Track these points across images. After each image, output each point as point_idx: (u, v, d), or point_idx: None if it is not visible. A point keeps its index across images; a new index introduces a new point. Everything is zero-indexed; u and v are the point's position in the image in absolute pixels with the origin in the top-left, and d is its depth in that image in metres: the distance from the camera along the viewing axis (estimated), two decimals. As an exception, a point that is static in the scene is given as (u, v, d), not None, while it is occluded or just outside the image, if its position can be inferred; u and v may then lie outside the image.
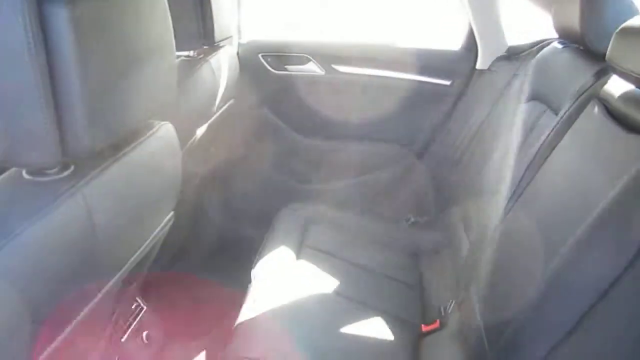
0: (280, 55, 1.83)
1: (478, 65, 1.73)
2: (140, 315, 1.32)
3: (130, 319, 1.27)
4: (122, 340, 1.23)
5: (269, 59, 1.82)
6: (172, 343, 1.37)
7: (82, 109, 0.51)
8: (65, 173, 0.57)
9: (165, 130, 0.77)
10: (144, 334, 1.29)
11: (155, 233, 0.79)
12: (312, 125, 1.91)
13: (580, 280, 0.81)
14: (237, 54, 1.80)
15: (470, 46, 1.73)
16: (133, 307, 1.31)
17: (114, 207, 0.62)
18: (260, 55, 1.82)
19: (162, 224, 0.82)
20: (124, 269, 0.72)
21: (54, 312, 0.59)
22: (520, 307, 0.93)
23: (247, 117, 1.87)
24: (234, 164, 1.94)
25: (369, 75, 1.82)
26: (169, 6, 1.20)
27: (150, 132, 0.73)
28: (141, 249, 0.75)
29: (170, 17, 0.71)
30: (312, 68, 1.82)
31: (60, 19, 0.49)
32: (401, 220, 1.80)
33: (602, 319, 0.76)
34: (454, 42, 1.81)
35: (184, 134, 1.27)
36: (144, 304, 1.35)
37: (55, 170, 0.57)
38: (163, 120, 0.80)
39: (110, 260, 0.67)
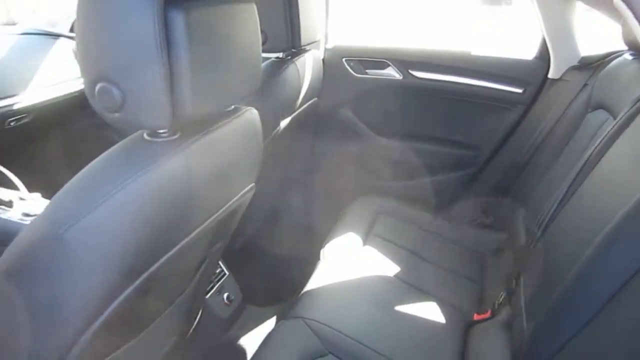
0: (362, 60, 1.98)
1: (550, 75, 1.78)
2: (223, 280, 1.53)
3: (214, 281, 1.48)
4: (207, 297, 1.44)
5: (351, 63, 1.97)
6: (248, 307, 1.56)
7: (189, 87, 0.70)
8: (174, 137, 0.76)
9: (250, 114, 0.95)
10: (225, 295, 1.49)
11: (238, 196, 0.97)
12: (388, 126, 2.03)
13: (608, 267, 0.89)
14: (324, 57, 1.98)
15: (544, 56, 1.78)
16: (217, 271, 1.52)
17: (208, 167, 0.80)
18: (344, 60, 1.97)
19: (245, 190, 0.99)
20: (212, 220, 0.90)
21: (149, 260, 0.78)
22: (556, 291, 1.01)
23: (328, 115, 2.03)
24: (314, 156, 2.11)
25: (444, 81, 1.92)
26: (264, 15, 1.40)
27: (239, 112, 0.91)
28: (226, 206, 0.92)
29: (258, 23, 0.88)
30: (391, 73, 1.95)
31: (179, 21, 0.67)
32: (467, 220, 1.88)
33: (625, 305, 0.84)
34: (528, 52, 1.87)
35: (269, 124, 1.45)
36: (226, 270, 1.55)
37: (167, 134, 0.76)
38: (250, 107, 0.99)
39: (201, 212, 0.85)
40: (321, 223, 1.80)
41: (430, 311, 1.39)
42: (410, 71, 1.94)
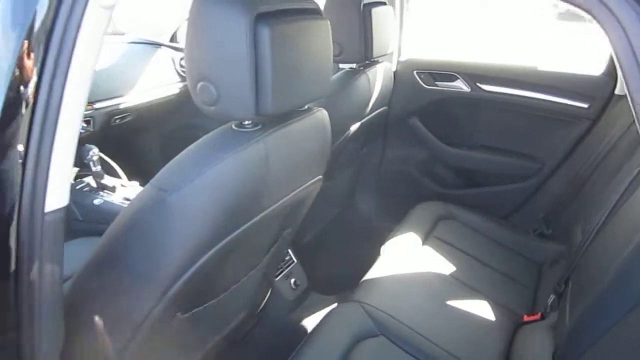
0: (432, 73, 2.09)
1: (617, 91, 1.80)
2: (291, 266, 1.69)
3: (283, 267, 1.64)
4: (276, 280, 1.60)
5: (422, 75, 2.09)
6: (312, 293, 1.71)
7: (270, 88, 0.85)
8: (256, 128, 0.93)
9: (321, 114, 1.10)
10: (292, 280, 1.64)
11: (306, 184, 1.12)
12: (455, 136, 2.13)
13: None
14: (396, 69, 2.11)
15: (611, 72, 1.82)
16: (287, 258, 1.68)
17: (281, 154, 0.96)
18: (415, 72, 2.09)
19: (313, 180, 1.14)
20: (283, 201, 1.05)
21: (231, 226, 0.94)
22: (593, 293, 1.08)
23: (398, 123, 2.15)
24: (383, 161, 2.23)
25: (511, 95, 1.98)
26: (341, 30, 1.56)
27: (311, 112, 1.07)
28: (295, 191, 1.08)
29: (330, 37, 1.03)
30: (459, 85, 2.05)
31: (265, 35, 0.83)
32: (528, 230, 1.94)
33: None
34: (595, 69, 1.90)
35: (340, 127, 1.60)
36: (295, 258, 1.71)
37: (250, 125, 0.92)
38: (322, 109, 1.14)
39: (274, 192, 1.01)
40: (385, 224, 1.91)
41: (481, 309, 1.47)
42: (478, 84, 2.03)
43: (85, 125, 1.93)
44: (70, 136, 0.80)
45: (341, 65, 1.74)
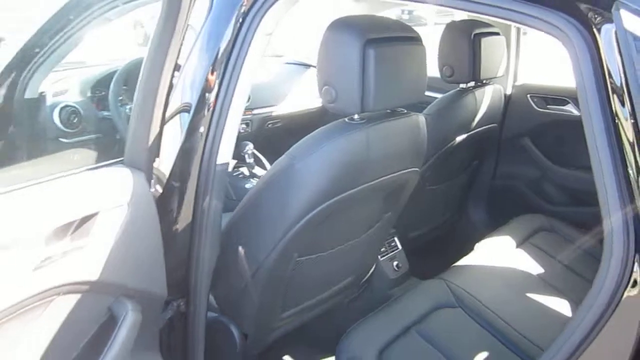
0: (545, 97, 2.26)
1: None
2: (395, 252, 1.99)
3: (388, 250, 1.95)
4: (381, 259, 1.92)
5: (535, 99, 2.27)
6: (412, 277, 1.99)
7: (373, 92, 1.17)
8: (362, 122, 1.27)
9: (417, 117, 1.39)
10: (395, 263, 1.94)
11: (400, 172, 1.42)
12: (564, 156, 2.26)
13: None
14: (511, 92, 2.32)
15: None
16: (392, 244, 1.99)
17: (379, 142, 1.28)
18: (528, 96, 2.28)
19: (408, 170, 1.44)
20: (379, 181, 1.36)
21: (337, 190, 1.27)
22: None
23: (511, 142, 2.34)
24: (494, 175, 2.43)
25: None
26: (453, 54, 1.84)
27: (408, 114, 1.38)
28: (390, 175, 1.39)
29: (425, 57, 1.33)
30: (570, 109, 2.19)
31: (371, 54, 1.16)
32: None
33: None
34: None
35: (446, 135, 1.88)
36: (400, 246, 2.01)
37: (357, 119, 1.27)
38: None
39: (371, 171, 1.31)
40: (487, 229, 2.12)
41: (561, 306, 1.62)
42: None
43: (245, 126, 2.44)
44: (234, 124, 1.25)
45: (453, 85, 2.01)
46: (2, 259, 0.95)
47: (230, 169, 2.37)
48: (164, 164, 1.23)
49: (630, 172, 0.82)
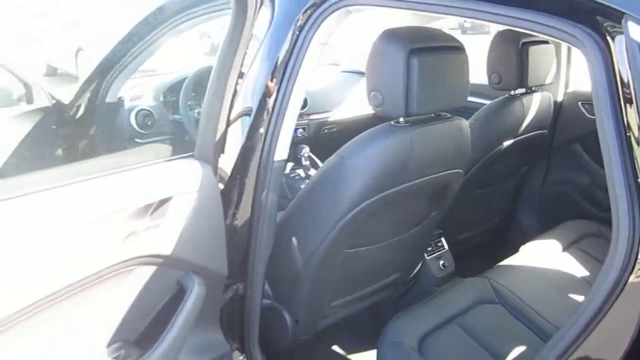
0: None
1: None
2: (442, 252, 2.07)
3: (434, 249, 2.04)
4: (427, 258, 2.01)
5: (586, 106, 2.29)
6: (457, 277, 2.06)
7: (416, 97, 1.27)
8: (406, 125, 1.37)
9: (459, 121, 1.47)
10: (441, 262, 2.03)
11: (444, 173, 1.51)
12: None
13: None
14: (562, 100, 2.35)
15: None
16: (439, 244, 2.08)
17: (423, 145, 1.38)
18: (579, 103, 2.31)
19: (450, 171, 1.52)
20: (423, 180, 1.47)
21: (382, 187, 1.38)
22: None
23: (561, 148, 2.37)
24: (544, 181, 2.46)
25: None
26: (501, 62, 1.92)
27: (452, 119, 1.47)
28: (434, 175, 1.48)
29: (468, 65, 1.42)
30: (622, 116, 2.20)
31: (415, 63, 1.27)
32: None
33: None
34: None
35: (493, 139, 1.95)
36: (446, 246, 2.09)
37: (402, 122, 1.38)
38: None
39: (415, 170, 1.41)
40: (536, 234, 2.16)
41: None
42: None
43: (302, 130, 2.59)
44: (290, 126, 1.40)
45: (501, 92, 2.07)
46: (97, 231, 1.14)
47: (287, 171, 2.53)
48: (228, 159, 1.39)
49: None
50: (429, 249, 2.01)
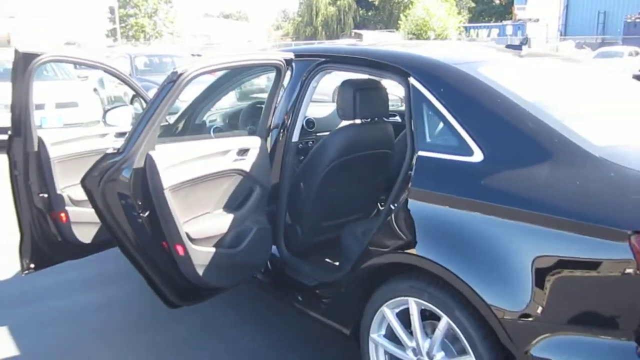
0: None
1: None
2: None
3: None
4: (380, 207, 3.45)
5: None
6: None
7: (360, 110, 2.78)
8: (358, 124, 2.89)
9: (385, 123, 2.98)
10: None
11: (381, 150, 2.92)
12: None
13: None
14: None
15: None
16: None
17: (367, 134, 2.90)
18: None
19: (382, 150, 2.96)
20: (367, 152, 2.97)
21: (336, 157, 2.90)
22: None
23: None
24: None
25: None
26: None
27: (382, 122, 2.98)
28: (373, 151, 2.91)
29: (386, 95, 2.93)
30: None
31: (357, 94, 2.78)
32: None
33: None
34: None
35: None
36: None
37: (357, 122, 2.90)
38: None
39: (362, 148, 2.87)
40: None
41: None
42: None
43: (311, 143, 4.06)
44: (298, 127, 2.90)
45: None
46: (222, 157, 2.60)
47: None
48: (270, 140, 2.89)
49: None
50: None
